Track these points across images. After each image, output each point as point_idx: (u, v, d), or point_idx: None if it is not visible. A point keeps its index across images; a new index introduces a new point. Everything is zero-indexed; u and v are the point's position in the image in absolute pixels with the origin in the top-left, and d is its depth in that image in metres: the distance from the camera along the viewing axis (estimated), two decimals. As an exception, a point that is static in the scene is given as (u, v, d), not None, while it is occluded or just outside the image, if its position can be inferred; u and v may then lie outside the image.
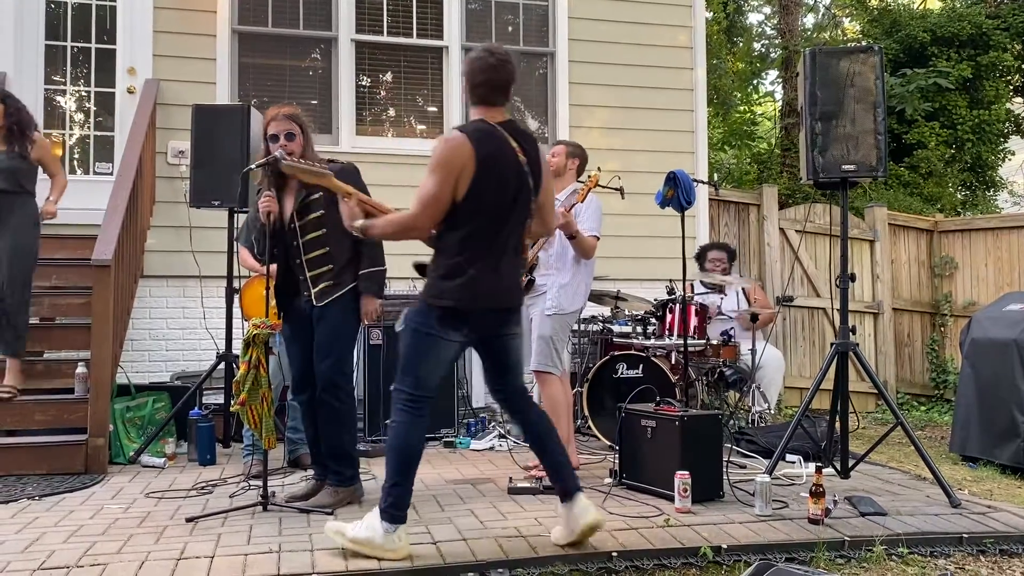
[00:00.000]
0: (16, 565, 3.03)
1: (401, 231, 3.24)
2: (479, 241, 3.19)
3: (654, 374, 5.19)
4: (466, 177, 3.12)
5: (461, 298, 3.15)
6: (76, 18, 6.27)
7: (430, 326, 3.17)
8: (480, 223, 3.18)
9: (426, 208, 3.13)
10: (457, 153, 3.12)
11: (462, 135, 3.16)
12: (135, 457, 4.90)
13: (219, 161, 5.10)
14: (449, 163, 3.11)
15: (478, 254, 3.18)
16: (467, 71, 3.28)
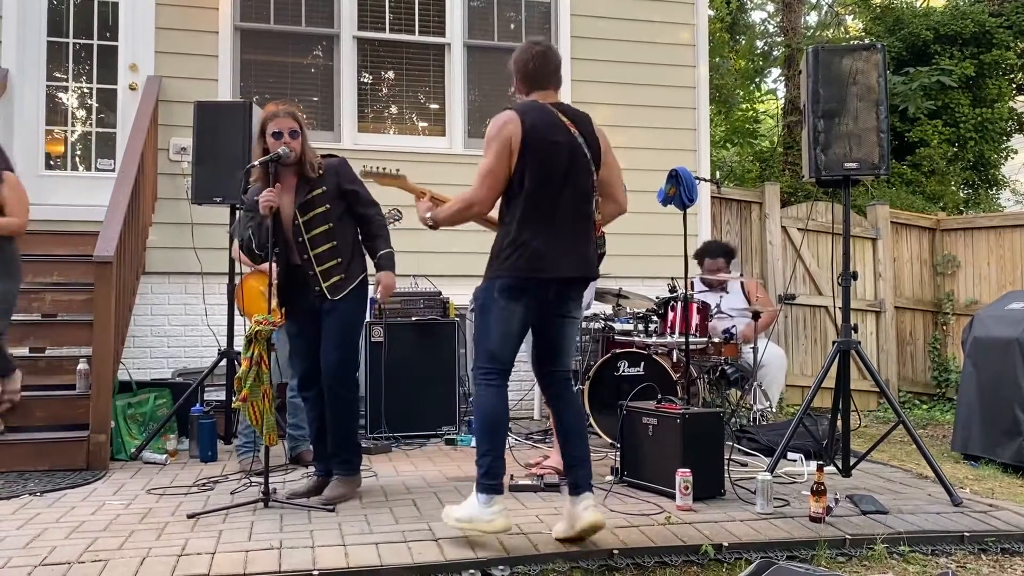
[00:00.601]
0: (17, 561, 3.04)
1: (464, 207, 3.36)
2: (534, 212, 3.28)
3: (655, 372, 5.18)
4: (516, 150, 3.26)
5: (517, 268, 3.26)
6: (78, 14, 6.27)
7: (493, 300, 3.31)
8: (534, 194, 3.28)
9: (484, 181, 3.29)
10: (507, 127, 3.27)
11: (511, 111, 3.33)
12: (136, 453, 4.91)
13: (221, 158, 5.10)
14: (500, 136, 3.26)
15: (534, 225, 3.27)
16: (519, 61, 3.44)
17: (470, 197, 3.32)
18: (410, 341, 5.69)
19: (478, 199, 3.31)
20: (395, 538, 3.29)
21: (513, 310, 3.29)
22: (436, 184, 6.54)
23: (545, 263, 3.26)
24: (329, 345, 3.90)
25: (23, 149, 6.06)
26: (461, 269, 6.55)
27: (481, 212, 3.39)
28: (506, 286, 3.27)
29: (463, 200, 3.35)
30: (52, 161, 6.26)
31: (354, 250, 3.99)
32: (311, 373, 3.99)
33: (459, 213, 3.39)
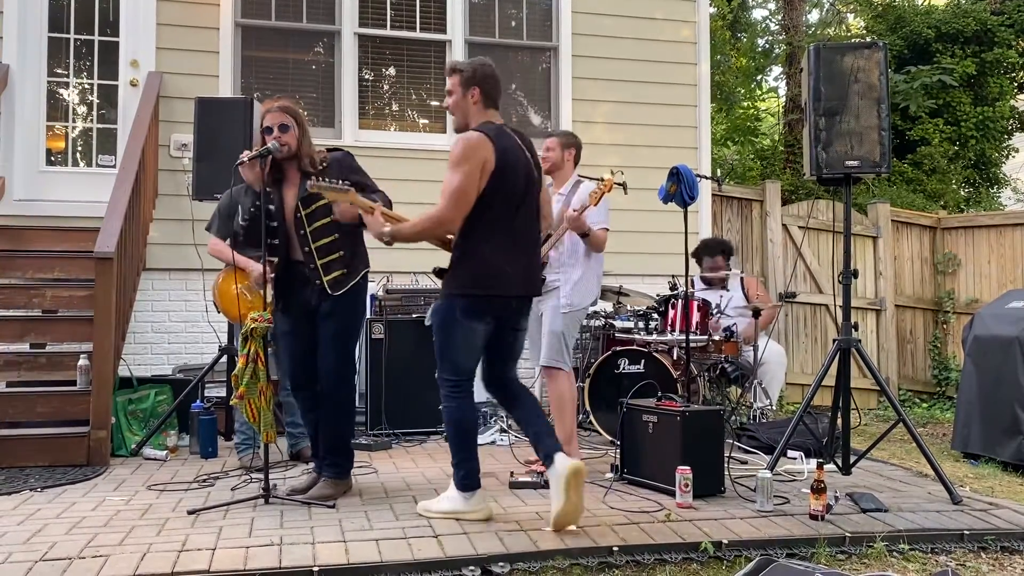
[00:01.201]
0: (18, 556, 3.04)
1: (433, 225, 3.41)
2: (498, 233, 3.43)
3: (656, 369, 5.19)
4: (487, 171, 3.37)
5: (481, 286, 3.41)
6: (79, 10, 6.26)
7: (456, 318, 3.42)
8: (499, 216, 3.42)
9: (456, 201, 3.34)
10: (480, 148, 3.37)
11: (481, 133, 3.41)
12: (137, 449, 4.91)
13: (222, 154, 5.10)
14: (473, 158, 3.34)
15: (497, 244, 3.42)
16: (480, 77, 3.52)
17: (439, 216, 3.37)
18: (411, 338, 5.69)
19: (448, 218, 3.37)
20: (395, 534, 3.29)
21: (476, 327, 3.45)
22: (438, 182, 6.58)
23: (507, 282, 3.45)
24: (327, 348, 3.87)
25: (24, 145, 6.06)
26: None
27: (450, 231, 3.43)
28: (470, 305, 3.41)
29: (432, 219, 3.39)
30: (53, 157, 6.25)
31: (356, 245, 3.97)
32: (302, 374, 3.96)
33: (427, 231, 3.44)
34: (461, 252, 3.44)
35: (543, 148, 4.77)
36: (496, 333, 3.53)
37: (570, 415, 4.56)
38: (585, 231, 4.46)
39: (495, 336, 3.54)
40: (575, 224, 4.41)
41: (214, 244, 4.72)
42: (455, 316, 3.42)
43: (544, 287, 4.58)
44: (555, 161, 4.73)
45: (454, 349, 3.46)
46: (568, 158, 4.75)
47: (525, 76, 7.16)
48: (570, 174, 4.76)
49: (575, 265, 4.57)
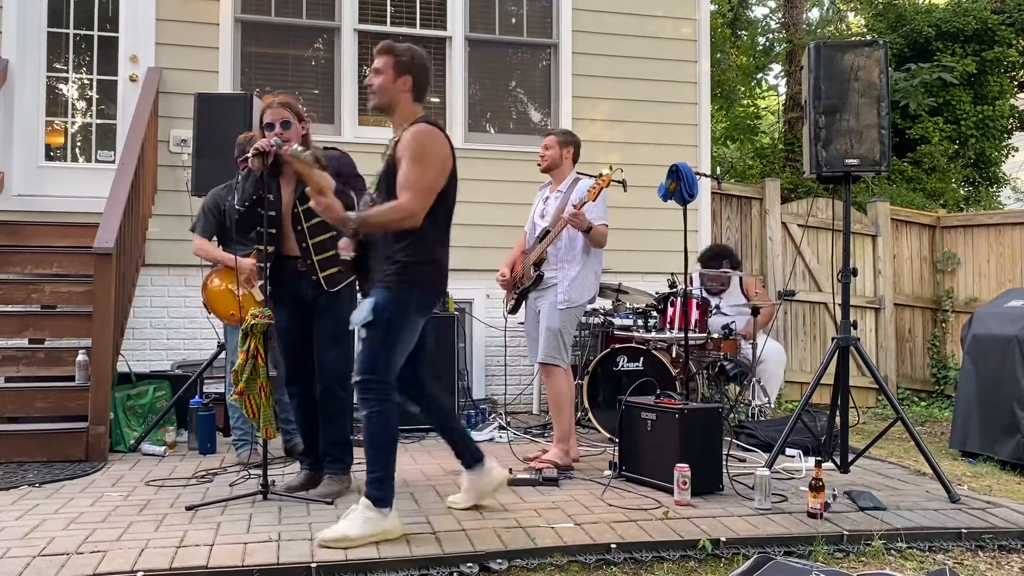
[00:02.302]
0: (16, 551, 3.04)
1: (401, 217, 3.24)
2: (444, 231, 3.43)
3: (655, 367, 5.19)
4: (447, 171, 3.36)
5: (433, 284, 3.38)
6: (79, 5, 6.25)
7: (407, 314, 3.29)
8: (447, 214, 3.43)
9: (426, 197, 3.26)
10: (446, 147, 3.35)
11: (439, 130, 3.36)
12: (135, 445, 4.91)
13: (221, 150, 5.09)
14: (440, 154, 3.32)
15: (442, 244, 3.43)
16: (416, 66, 3.40)
17: (410, 208, 3.22)
18: (409, 335, 5.67)
19: (416, 212, 3.24)
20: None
21: (419, 325, 3.38)
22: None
23: (446, 281, 3.48)
24: (325, 344, 3.86)
25: (23, 140, 6.06)
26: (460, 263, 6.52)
27: (414, 226, 3.25)
28: (422, 302, 3.34)
29: (401, 210, 3.22)
30: (52, 152, 6.25)
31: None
32: (299, 368, 3.95)
33: (393, 223, 3.25)
34: (415, 248, 3.27)
35: (541, 146, 4.77)
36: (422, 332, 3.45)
37: (568, 412, 4.56)
38: (586, 227, 4.46)
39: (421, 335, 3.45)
40: (575, 221, 4.41)
41: (199, 243, 4.69)
42: (408, 312, 3.29)
43: (542, 283, 4.60)
44: (553, 159, 4.72)
45: (399, 347, 3.29)
46: (566, 156, 4.74)
47: (525, 73, 7.15)
48: (568, 172, 4.75)
49: (572, 261, 4.57)
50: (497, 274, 4.87)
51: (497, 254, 6.17)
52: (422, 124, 3.32)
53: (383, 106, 3.43)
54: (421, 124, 3.32)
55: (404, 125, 3.35)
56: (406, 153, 3.26)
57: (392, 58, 3.37)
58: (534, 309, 4.70)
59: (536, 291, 4.64)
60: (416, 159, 3.24)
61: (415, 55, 3.41)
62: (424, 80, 3.44)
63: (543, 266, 4.60)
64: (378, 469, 3.23)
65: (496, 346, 6.59)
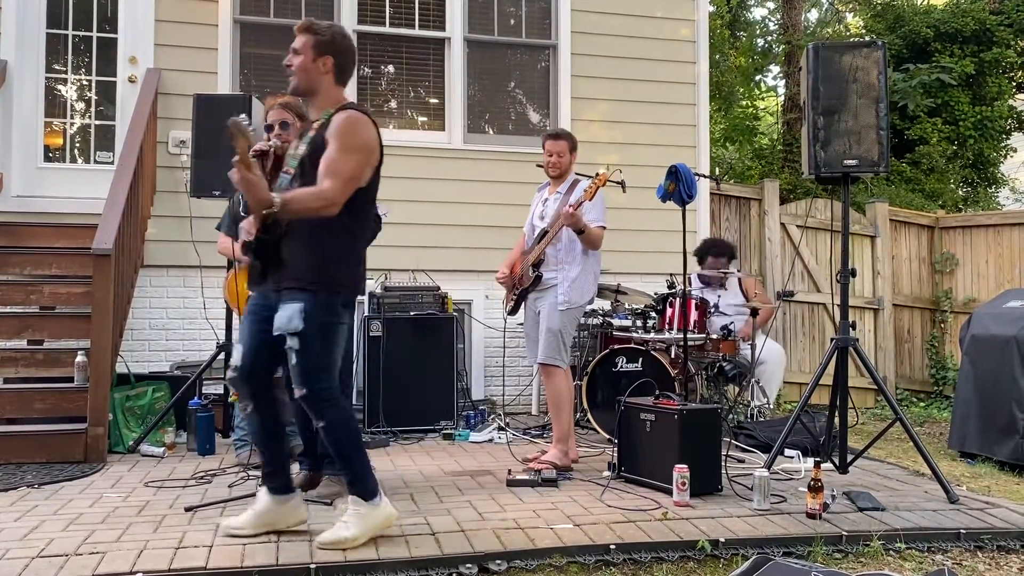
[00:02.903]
0: (15, 552, 3.04)
1: (322, 204, 3.05)
2: (366, 227, 3.31)
3: (653, 368, 5.19)
4: (373, 164, 3.20)
5: (357, 281, 3.26)
6: (77, 6, 6.25)
7: (338, 314, 3.16)
8: (370, 209, 3.28)
9: (348, 187, 3.08)
10: (376, 138, 3.19)
11: (368, 118, 3.20)
12: (134, 446, 4.91)
13: (220, 151, 5.07)
14: (370, 146, 3.16)
15: (363, 236, 3.31)
16: (338, 47, 3.22)
17: (333, 197, 3.04)
18: (408, 336, 5.69)
19: (338, 201, 3.06)
20: (393, 532, 3.28)
21: (348, 321, 3.24)
22: (436, 179, 6.62)
23: (364, 275, 3.34)
24: None
25: (22, 141, 6.06)
26: (459, 264, 6.56)
27: (330, 214, 3.06)
28: (348, 300, 3.22)
29: (322, 197, 3.04)
30: (51, 153, 6.24)
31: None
32: None
33: (314, 210, 3.05)
34: (334, 244, 3.13)
35: (549, 153, 4.73)
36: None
37: (567, 413, 4.57)
38: (580, 228, 4.46)
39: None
40: (571, 220, 4.41)
41: (222, 242, 4.74)
42: (338, 313, 3.15)
43: (541, 284, 4.60)
44: (565, 168, 4.74)
45: (336, 350, 3.17)
46: (573, 160, 4.77)
47: (524, 74, 7.15)
48: (569, 174, 4.76)
49: (573, 263, 4.57)
50: (497, 273, 4.87)
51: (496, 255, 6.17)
52: (354, 111, 3.16)
53: (303, 89, 3.23)
54: (353, 111, 3.16)
55: (329, 110, 3.17)
56: (335, 139, 3.09)
57: (312, 37, 3.19)
58: (533, 310, 4.70)
59: (535, 292, 4.64)
60: (344, 146, 3.08)
61: (336, 34, 3.24)
62: (347, 62, 3.26)
63: (542, 267, 4.61)
64: (357, 465, 3.18)
65: (495, 347, 6.59)
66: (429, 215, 6.50)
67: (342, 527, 3.13)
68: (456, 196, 6.63)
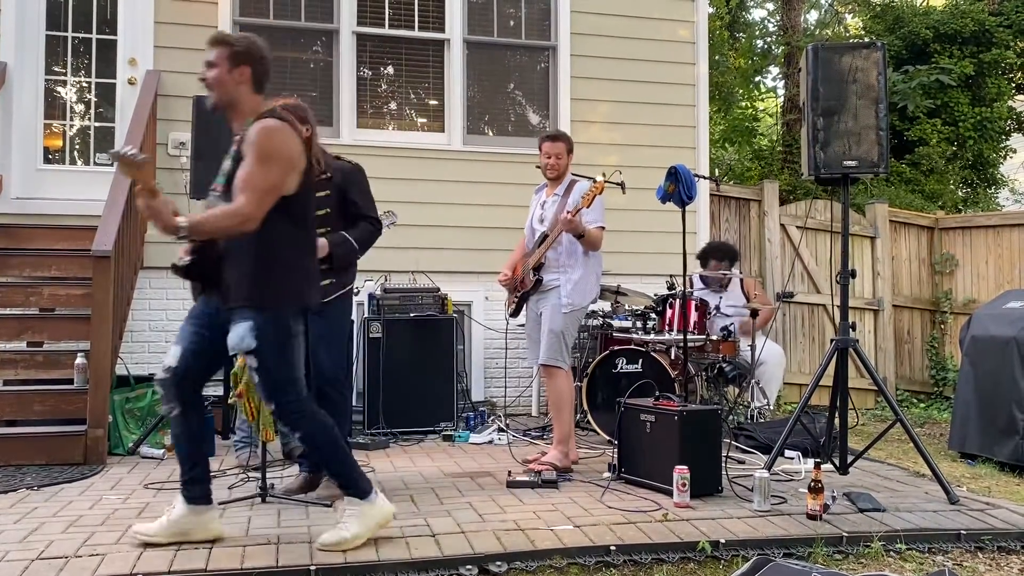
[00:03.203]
0: (14, 555, 3.04)
1: (237, 222, 2.97)
2: (306, 235, 3.21)
3: (653, 369, 5.19)
4: (298, 169, 3.09)
5: (304, 292, 3.16)
6: (77, 8, 6.25)
7: (288, 327, 3.09)
8: (308, 217, 3.20)
9: (266, 199, 2.99)
10: (292, 144, 3.07)
11: (286, 124, 3.08)
12: (134, 448, 4.90)
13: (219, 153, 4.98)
14: (288, 153, 3.05)
15: (307, 244, 3.21)
16: (253, 56, 3.14)
17: (247, 213, 2.95)
18: (408, 337, 5.69)
19: (254, 217, 2.96)
20: (393, 533, 3.29)
21: (301, 330, 3.16)
22: (436, 181, 6.62)
23: (315, 285, 3.25)
24: (317, 345, 3.85)
25: (21, 143, 6.05)
26: (459, 266, 6.56)
27: (249, 230, 2.98)
28: (296, 313, 3.14)
29: (236, 215, 2.95)
30: (50, 155, 6.24)
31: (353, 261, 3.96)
32: None
33: (229, 229, 2.99)
34: (275, 257, 3.06)
35: (547, 155, 4.73)
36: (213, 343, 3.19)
37: (568, 414, 4.58)
38: (580, 232, 4.46)
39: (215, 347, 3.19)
40: (569, 227, 4.42)
41: None
42: (288, 326, 3.08)
43: (542, 287, 4.61)
44: (563, 169, 4.74)
45: (295, 361, 3.11)
46: (570, 161, 4.77)
47: (523, 75, 7.15)
48: (566, 175, 4.76)
49: (575, 265, 4.58)
50: (499, 275, 4.87)
51: (496, 256, 6.17)
52: (269, 119, 3.07)
53: (222, 102, 3.17)
54: (268, 119, 3.07)
55: (251, 120, 3.11)
56: (249, 151, 3.01)
57: (226, 48, 3.12)
58: (535, 311, 4.71)
59: (537, 295, 4.65)
60: (259, 158, 2.99)
61: (251, 43, 3.17)
62: (263, 70, 3.17)
63: (543, 270, 4.61)
64: (341, 472, 3.17)
65: (495, 348, 6.59)
66: (429, 216, 6.49)
67: (342, 528, 3.12)
68: (456, 197, 6.63)
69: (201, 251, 3.12)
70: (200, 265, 3.13)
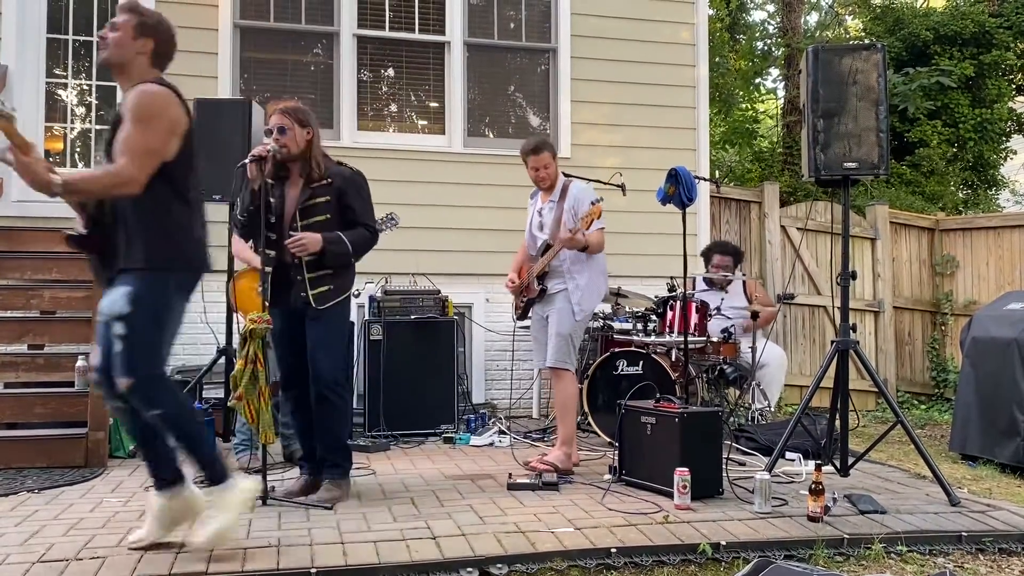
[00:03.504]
0: (15, 558, 3.04)
1: (115, 183, 2.89)
2: (196, 203, 3.13)
3: (654, 371, 5.19)
4: (179, 133, 3.02)
5: (193, 259, 3.08)
6: (77, 11, 6.26)
7: (167, 297, 3.00)
8: (193, 183, 3.11)
9: (147, 162, 2.92)
10: (173, 108, 3.01)
11: (167, 89, 3.04)
12: (135, 451, 4.90)
13: (220, 156, 5.06)
14: (167, 116, 2.99)
15: (196, 214, 3.12)
16: (162, 32, 3.16)
17: (126, 175, 2.87)
18: (409, 339, 5.69)
19: (134, 179, 2.89)
20: (393, 536, 3.29)
21: (183, 308, 3.08)
22: (436, 183, 6.62)
23: (207, 257, 3.17)
24: (319, 351, 3.86)
25: (22, 146, 6.05)
26: (460, 267, 6.56)
27: (131, 193, 2.90)
28: (184, 281, 3.06)
29: (115, 175, 2.88)
30: (51, 158, 6.24)
31: (347, 264, 3.96)
32: (292, 372, 3.96)
33: (107, 188, 2.91)
34: (160, 222, 2.98)
35: (535, 169, 4.73)
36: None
37: (573, 416, 4.63)
38: (582, 247, 4.48)
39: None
40: (570, 245, 4.45)
41: (235, 244, 4.91)
42: (169, 297, 2.99)
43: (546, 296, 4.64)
44: (553, 178, 4.74)
45: (165, 336, 3.02)
46: (557, 165, 4.77)
47: (524, 77, 7.16)
48: (558, 179, 4.76)
49: (582, 271, 4.61)
50: (506, 279, 4.89)
51: (496, 258, 6.19)
52: (151, 85, 3.01)
53: (115, 62, 3.08)
54: (151, 85, 3.01)
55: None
56: (128, 113, 2.93)
57: (136, 16, 3.10)
58: (541, 315, 4.74)
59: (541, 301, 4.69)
60: (139, 119, 2.92)
61: (161, 20, 3.15)
62: (167, 50, 3.15)
63: (546, 280, 4.65)
64: (199, 453, 3.10)
65: (496, 350, 6.59)
66: (429, 219, 6.49)
67: (211, 522, 3.04)
68: (456, 200, 6.63)
69: (98, 222, 3.04)
70: (95, 237, 3.05)
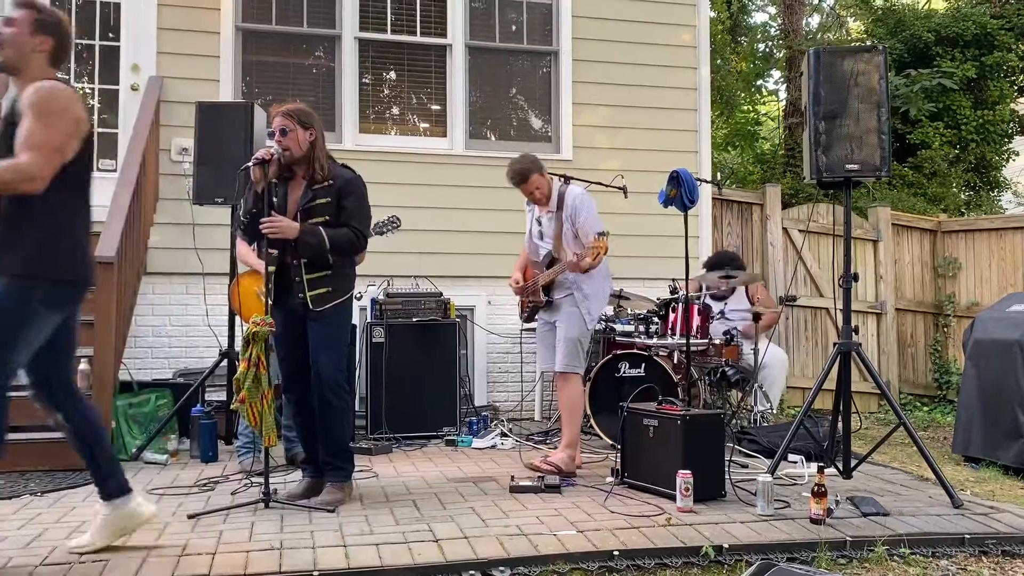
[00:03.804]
0: (18, 560, 3.04)
1: (19, 178, 2.78)
2: (83, 209, 3.04)
3: (656, 373, 5.19)
4: (80, 135, 2.94)
5: (72, 269, 2.97)
6: (80, 15, 6.28)
7: (29, 308, 2.87)
8: (85, 188, 3.03)
9: (53, 158, 2.82)
10: (75, 106, 2.92)
11: (68, 88, 2.96)
12: (137, 454, 4.91)
13: (222, 158, 5.10)
14: (71, 113, 2.90)
15: (83, 222, 3.03)
16: (60, 31, 3.03)
17: (35, 170, 2.78)
18: (411, 342, 5.69)
19: (40, 175, 2.79)
20: (396, 539, 3.29)
21: (52, 319, 2.95)
22: (438, 185, 6.63)
23: (90, 268, 3.08)
24: (319, 353, 3.86)
25: (25, 149, 6.06)
26: (462, 270, 6.56)
27: (33, 191, 2.79)
28: (55, 291, 2.93)
29: (20, 171, 2.77)
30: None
31: (345, 267, 3.95)
32: (296, 374, 3.96)
33: (7, 184, 2.77)
34: (39, 225, 2.87)
35: (528, 193, 4.75)
36: (63, 326, 3.03)
37: (579, 419, 4.66)
38: (584, 270, 4.50)
39: (62, 330, 3.03)
40: (574, 270, 4.49)
41: (238, 247, 4.90)
42: (31, 303, 2.85)
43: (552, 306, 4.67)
44: (547, 191, 4.76)
45: (19, 350, 2.89)
46: (547, 178, 4.77)
47: (525, 80, 7.16)
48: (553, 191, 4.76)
49: (587, 279, 4.61)
50: (510, 280, 4.91)
51: (498, 260, 6.19)
52: (54, 83, 2.92)
53: (10, 60, 2.97)
54: (54, 83, 2.92)
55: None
56: (29, 110, 2.82)
57: (32, 13, 2.99)
58: (548, 319, 4.76)
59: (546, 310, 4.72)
60: (41, 115, 2.81)
61: (59, 18, 3.04)
62: (63, 48, 3.04)
63: (552, 291, 4.67)
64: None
65: (498, 353, 6.59)
66: (431, 221, 6.50)
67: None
68: (458, 202, 6.63)
69: None
70: None
